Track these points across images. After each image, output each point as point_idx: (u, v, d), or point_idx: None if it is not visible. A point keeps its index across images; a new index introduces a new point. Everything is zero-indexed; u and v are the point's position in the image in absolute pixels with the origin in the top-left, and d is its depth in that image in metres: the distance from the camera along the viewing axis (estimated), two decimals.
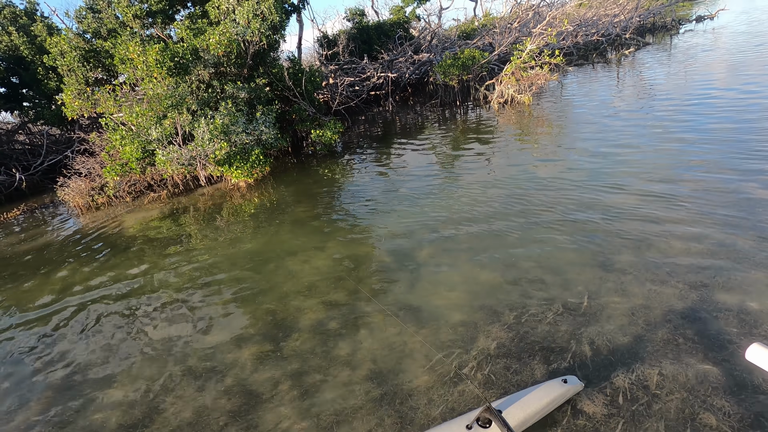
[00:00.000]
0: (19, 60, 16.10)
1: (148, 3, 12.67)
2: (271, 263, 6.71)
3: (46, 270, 8.16)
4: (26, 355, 5.51)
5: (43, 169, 16.41)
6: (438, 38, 22.93)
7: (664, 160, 7.81)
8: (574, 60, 23.74)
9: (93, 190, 11.87)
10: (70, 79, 12.32)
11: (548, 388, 3.36)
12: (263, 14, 11.31)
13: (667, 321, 4.14)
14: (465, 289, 5.15)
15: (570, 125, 11.38)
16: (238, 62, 11.65)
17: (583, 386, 3.52)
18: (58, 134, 19.06)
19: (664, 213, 6.02)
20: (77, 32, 13.36)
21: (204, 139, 9.92)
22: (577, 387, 3.45)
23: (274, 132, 11.12)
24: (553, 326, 4.30)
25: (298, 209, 8.89)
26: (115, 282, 7.10)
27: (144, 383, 4.57)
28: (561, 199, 7.02)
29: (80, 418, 4.25)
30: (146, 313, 5.98)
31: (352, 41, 21.18)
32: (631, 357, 3.81)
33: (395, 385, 3.94)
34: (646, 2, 32.03)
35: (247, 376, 4.40)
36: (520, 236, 6.13)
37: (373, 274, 5.89)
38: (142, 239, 8.77)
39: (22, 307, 6.86)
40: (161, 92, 10.05)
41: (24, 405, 4.59)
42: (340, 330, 4.84)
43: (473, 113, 15.54)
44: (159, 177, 11.87)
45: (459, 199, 7.82)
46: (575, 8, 31.27)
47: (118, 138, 10.33)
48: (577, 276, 5.03)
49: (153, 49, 9.92)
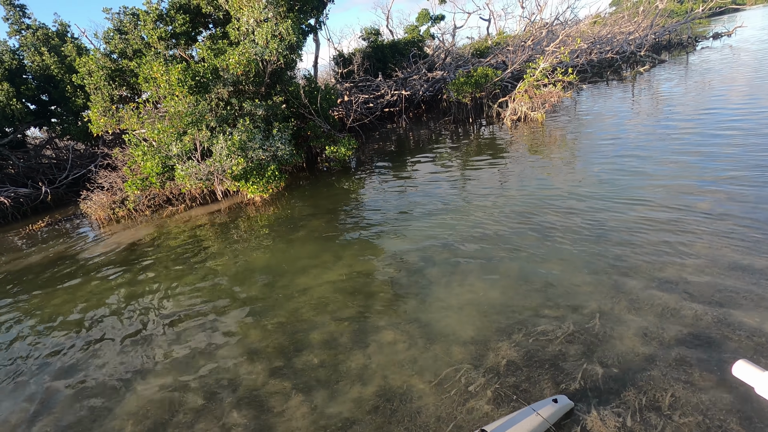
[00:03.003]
0: (50, 78, 16.88)
1: (172, 25, 13.22)
2: (285, 277, 6.82)
3: (66, 280, 8.41)
4: (46, 360, 5.67)
5: (67, 182, 17.01)
6: (452, 56, 23.24)
7: (680, 179, 7.74)
8: (588, 77, 23.76)
9: (114, 204, 12.26)
10: (97, 97, 12.85)
11: (540, 409, 3.37)
12: (281, 35, 11.69)
13: (680, 342, 4.09)
14: (475, 306, 5.16)
15: (583, 142, 11.37)
16: (256, 81, 12.01)
17: (573, 405, 3.53)
18: (83, 149, 19.77)
19: (679, 232, 5.97)
20: (104, 52, 13.98)
21: (222, 155, 10.21)
22: (567, 406, 3.48)
23: (290, 148, 11.38)
24: (564, 345, 4.28)
25: (311, 224, 9.03)
26: (132, 292, 7.29)
27: (158, 392, 4.66)
28: (574, 216, 7.00)
29: (96, 426, 4.36)
30: (161, 323, 6.12)
31: (367, 59, 21.62)
32: (643, 377, 3.77)
33: (404, 401, 3.95)
34: (661, 20, 31.99)
35: (259, 388, 4.46)
36: (532, 254, 6.12)
37: (384, 290, 5.93)
38: (160, 252, 8.99)
39: (42, 314, 7.08)
40: (182, 110, 10.41)
41: (43, 409, 4.72)
42: (350, 345, 4.88)
43: (486, 130, 15.64)
44: (177, 191, 12.20)
45: (471, 215, 7.86)
46: (589, 26, 31.41)
47: (140, 153, 10.69)
48: (588, 295, 5.00)
49: (176, 68, 10.33)
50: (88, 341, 6.04)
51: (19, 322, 7.07)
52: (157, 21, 13.13)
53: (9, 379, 5.48)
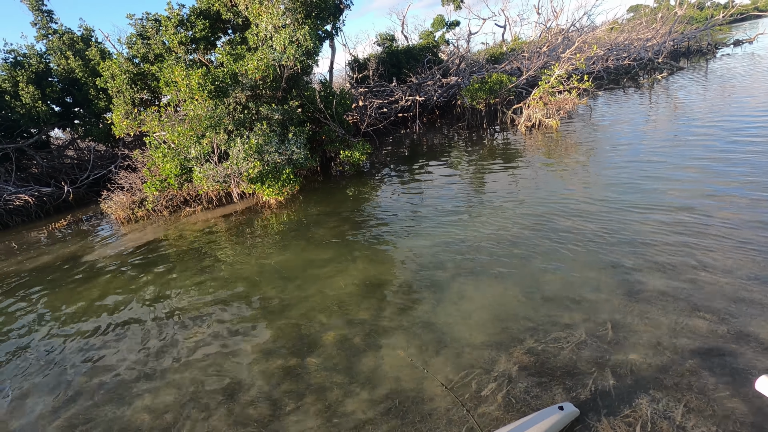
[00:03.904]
0: (74, 81, 17.41)
1: (192, 30, 13.55)
2: (298, 279, 6.94)
3: (86, 278, 8.66)
4: (62, 357, 5.86)
5: (88, 182, 17.48)
6: (466, 62, 23.29)
7: (697, 185, 7.66)
8: (604, 84, 23.58)
9: (134, 204, 12.57)
10: (119, 100, 13.22)
11: (545, 417, 3.39)
12: (299, 41, 11.90)
13: (694, 352, 4.07)
14: (488, 312, 5.19)
15: (598, 148, 11.31)
16: (274, 85, 12.23)
17: (579, 413, 3.54)
18: (104, 150, 20.30)
19: (694, 241, 5.92)
20: (127, 57, 14.38)
21: (239, 158, 10.41)
22: (573, 414, 3.49)
23: (305, 152, 11.55)
24: (576, 352, 4.29)
25: (325, 227, 9.15)
26: (148, 292, 7.48)
27: (174, 390, 4.80)
28: (588, 223, 6.99)
29: (116, 418, 4.50)
30: (177, 322, 6.27)
31: (382, 65, 21.80)
32: (655, 387, 3.76)
33: (416, 404, 4.01)
34: (680, 26, 31.60)
35: (272, 388, 4.56)
36: (545, 260, 6.13)
37: (396, 294, 6.00)
38: (176, 252, 9.20)
39: (62, 312, 7.31)
40: (201, 113, 10.66)
41: (61, 405, 4.89)
42: (363, 347, 4.96)
43: (500, 136, 15.63)
44: (195, 193, 12.46)
45: (484, 220, 7.89)
46: (606, 32, 31.16)
47: (160, 155, 10.97)
48: (602, 303, 5.00)
49: (196, 73, 10.59)
50: (106, 336, 6.22)
51: (43, 316, 7.31)
52: (178, 26, 13.47)
53: (33, 372, 5.67)
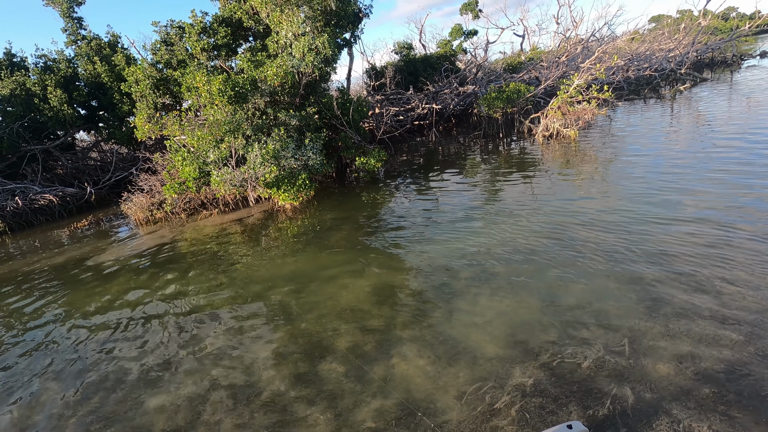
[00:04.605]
0: (100, 86, 17.93)
1: (215, 38, 13.85)
2: (311, 284, 6.95)
3: (105, 277, 8.83)
4: (81, 353, 5.96)
5: (110, 184, 17.91)
6: (483, 71, 23.25)
7: (721, 198, 7.46)
8: (624, 95, 23.25)
9: (153, 206, 12.82)
10: (142, 104, 13.56)
11: None
12: (317, 49, 12.04)
13: (718, 374, 3.92)
14: (502, 323, 5.11)
15: (618, 160, 11.11)
16: (292, 92, 12.39)
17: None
18: (126, 153, 20.80)
19: (718, 254, 5.74)
20: (151, 62, 14.76)
21: (256, 163, 10.54)
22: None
23: (321, 158, 11.63)
24: (593, 369, 4.17)
25: (339, 233, 9.17)
26: (164, 293, 7.58)
27: (187, 390, 4.83)
28: (606, 235, 6.84)
29: (127, 418, 4.55)
30: (192, 322, 6.33)
31: (399, 73, 21.92)
32: (677, 408, 3.63)
33: (427, 415, 3.95)
34: (704, 37, 31.02)
35: (283, 393, 4.55)
36: (562, 272, 6.02)
37: (409, 301, 5.96)
38: (193, 254, 9.33)
39: (80, 309, 7.45)
40: (221, 118, 10.85)
41: (78, 402, 4.96)
42: (375, 355, 4.92)
43: (517, 146, 15.51)
44: (212, 196, 12.65)
45: (499, 230, 7.80)
46: (626, 42, 30.77)
47: (180, 159, 11.18)
48: (620, 317, 4.87)
49: (217, 79, 10.80)
50: (123, 333, 6.31)
51: (62, 313, 7.46)
52: (201, 33, 13.78)
53: (53, 366, 5.78)
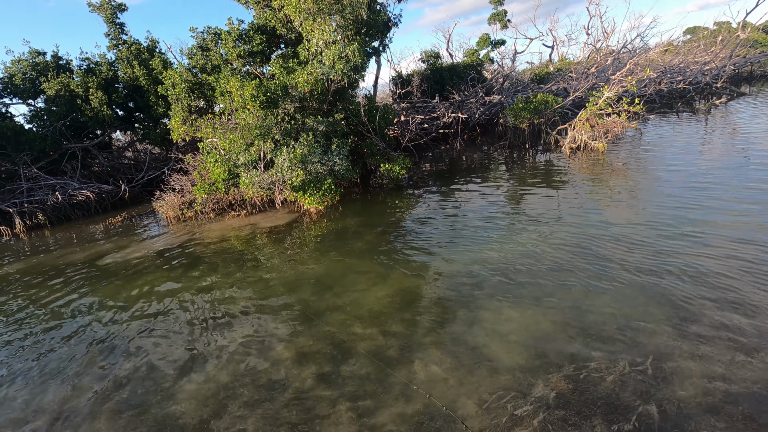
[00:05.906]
0: (137, 88, 18.72)
1: (250, 45, 14.30)
2: (334, 288, 7.07)
3: (135, 272, 9.20)
4: (111, 344, 6.23)
5: (143, 182, 18.61)
6: (510, 81, 23.16)
7: (756, 216, 7.23)
8: (656, 108, 22.73)
9: (183, 205, 13.27)
10: (177, 107, 14.09)
11: None
12: (347, 57, 12.29)
13: (750, 398, 3.82)
14: (525, 334, 5.10)
15: (648, 173, 10.89)
16: (320, 98, 12.66)
17: None
18: (158, 153, 21.59)
19: (752, 273, 5.57)
20: (187, 67, 15.34)
21: (284, 167, 10.81)
22: None
23: (347, 164, 11.83)
24: (618, 384, 4.13)
25: (363, 238, 9.30)
26: (192, 289, 7.84)
27: (213, 385, 5.00)
28: (634, 250, 6.74)
29: (158, 410, 4.74)
30: (216, 320, 6.54)
31: (425, 81, 22.06)
32: (706, 429, 3.56)
33: (448, 422, 3.98)
34: (742, 50, 30.06)
35: (307, 392, 4.66)
36: (587, 285, 5.96)
37: (431, 308, 6.00)
38: (220, 253, 9.61)
39: (112, 302, 7.78)
40: (252, 122, 11.18)
41: (105, 392, 5.20)
42: (397, 359, 4.99)
43: (543, 157, 15.37)
44: (240, 197, 13.01)
45: (524, 241, 7.76)
46: (659, 54, 30.10)
47: (211, 160, 11.56)
48: (648, 334, 4.80)
49: (250, 84, 11.16)
50: (151, 326, 6.57)
51: (94, 305, 7.81)
52: (237, 40, 14.26)
53: (86, 356, 6.07)
